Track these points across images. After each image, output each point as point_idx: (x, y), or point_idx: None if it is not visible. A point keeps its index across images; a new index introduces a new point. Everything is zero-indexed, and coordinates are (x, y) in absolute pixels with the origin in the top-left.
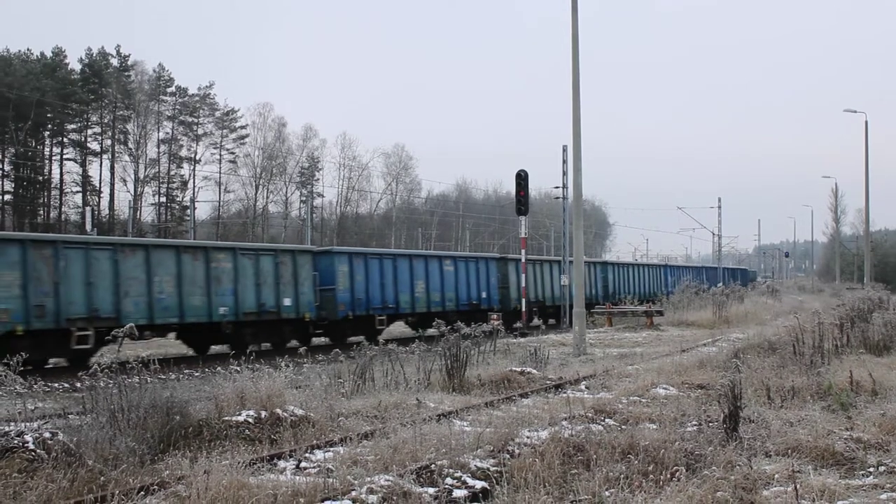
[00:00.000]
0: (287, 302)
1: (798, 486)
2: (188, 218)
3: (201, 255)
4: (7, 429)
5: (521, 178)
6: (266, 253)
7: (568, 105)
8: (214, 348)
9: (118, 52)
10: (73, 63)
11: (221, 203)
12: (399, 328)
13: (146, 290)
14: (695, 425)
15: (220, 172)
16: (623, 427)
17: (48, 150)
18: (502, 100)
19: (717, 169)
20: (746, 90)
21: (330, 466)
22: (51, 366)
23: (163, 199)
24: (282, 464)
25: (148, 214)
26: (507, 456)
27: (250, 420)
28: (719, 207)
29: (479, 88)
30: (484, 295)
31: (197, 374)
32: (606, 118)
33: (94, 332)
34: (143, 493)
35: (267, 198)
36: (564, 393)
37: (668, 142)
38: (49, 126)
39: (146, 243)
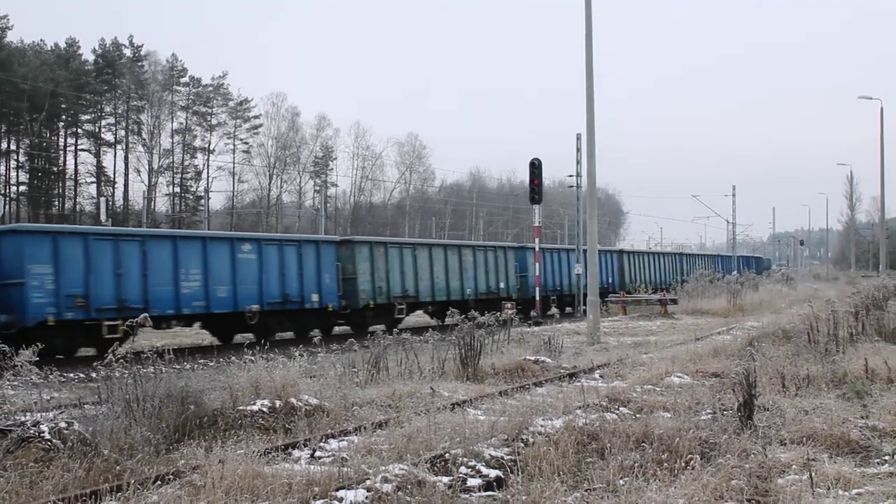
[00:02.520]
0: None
1: (813, 474)
2: (202, 208)
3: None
4: (23, 419)
5: (535, 167)
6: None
7: (582, 93)
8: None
9: (131, 43)
10: (87, 54)
11: (235, 193)
12: (416, 318)
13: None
14: (709, 414)
15: (233, 162)
16: (637, 415)
17: (63, 140)
18: (516, 88)
19: (732, 157)
20: (761, 77)
21: (344, 455)
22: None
23: (177, 190)
24: (296, 453)
25: (162, 205)
26: (522, 445)
27: (265, 409)
28: (733, 195)
29: (493, 76)
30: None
31: (212, 363)
32: (620, 104)
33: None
34: (158, 482)
35: (281, 187)
36: (578, 382)
37: (681, 129)
38: (63, 117)
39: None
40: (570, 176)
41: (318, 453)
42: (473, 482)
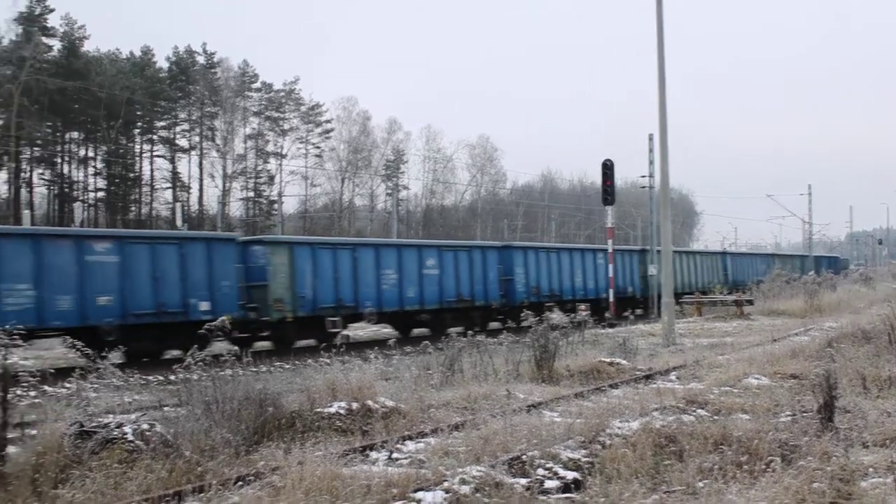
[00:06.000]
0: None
1: None
2: (275, 212)
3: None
4: (107, 420)
5: (608, 168)
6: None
7: (654, 93)
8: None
9: (204, 50)
10: (161, 61)
11: (308, 197)
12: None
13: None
14: (789, 416)
15: (306, 167)
16: (715, 417)
17: (138, 147)
18: (587, 88)
19: (808, 156)
20: (835, 76)
21: (422, 457)
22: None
23: (250, 194)
24: (374, 455)
25: (236, 209)
26: (599, 447)
27: (342, 412)
28: (809, 194)
29: (563, 78)
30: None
31: (287, 366)
32: (692, 104)
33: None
34: (239, 483)
35: (353, 191)
36: (654, 383)
37: (756, 128)
38: (139, 124)
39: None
40: (643, 177)
41: (395, 455)
42: (551, 484)
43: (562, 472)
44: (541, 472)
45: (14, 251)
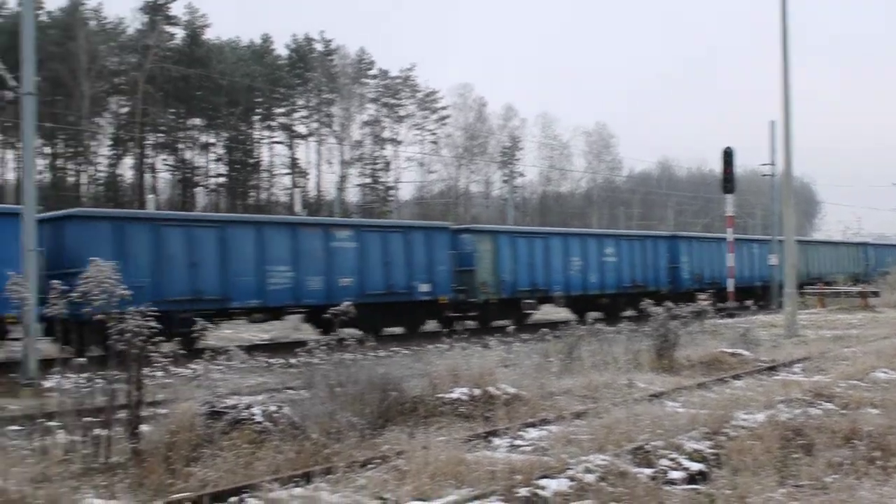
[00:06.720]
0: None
1: None
2: (391, 198)
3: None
4: (236, 402)
5: (728, 156)
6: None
7: (776, 80)
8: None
9: (322, 38)
10: (280, 49)
11: (424, 183)
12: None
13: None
14: None
15: (422, 153)
16: (843, 411)
17: (258, 133)
18: (705, 75)
19: None
20: None
21: (544, 444)
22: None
23: (367, 180)
24: (496, 441)
25: (353, 195)
26: (724, 438)
27: (463, 397)
28: None
29: (681, 65)
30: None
31: (406, 351)
32: (815, 89)
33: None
34: (364, 466)
35: (468, 178)
36: (778, 375)
37: (877, 114)
38: (258, 110)
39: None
40: (764, 164)
41: (517, 442)
42: (675, 475)
43: (686, 463)
44: (665, 462)
45: (277, 237)
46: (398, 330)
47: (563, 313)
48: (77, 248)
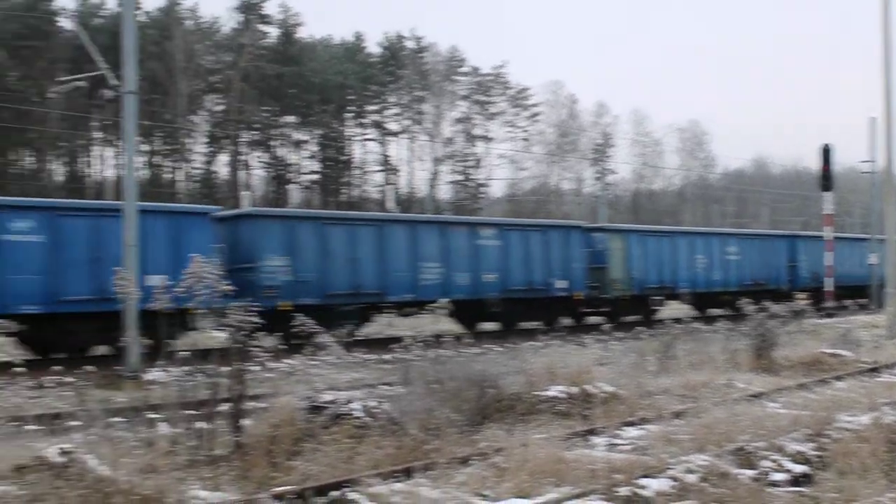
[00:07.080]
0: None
1: None
2: (483, 195)
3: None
4: (336, 397)
5: (826, 153)
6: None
7: (876, 75)
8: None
9: (413, 35)
10: (372, 47)
11: (516, 180)
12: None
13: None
14: None
15: (513, 150)
16: None
17: (350, 131)
18: (801, 71)
19: None
20: None
21: (643, 444)
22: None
23: (458, 177)
24: (595, 439)
25: (445, 192)
26: (827, 440)
27: (561, 395)
28: None
29: (775, 60)
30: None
31: (500, 348)
32: None
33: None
34: (463, 462)
35: (560, 175)
36: (881, 377)
37: None
38: (351, 108)
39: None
40: (863, 161)
41: (616, 441)
42: (778, 476)
43: (789, 465)
44: (767, 463)
45: (428, 235)
46: (533, 324)
47: (684, 309)
48: (251, 245)
